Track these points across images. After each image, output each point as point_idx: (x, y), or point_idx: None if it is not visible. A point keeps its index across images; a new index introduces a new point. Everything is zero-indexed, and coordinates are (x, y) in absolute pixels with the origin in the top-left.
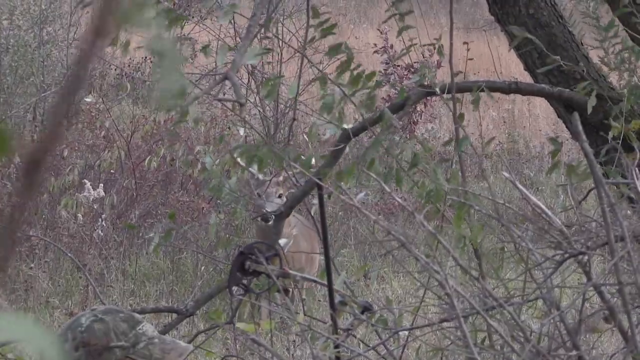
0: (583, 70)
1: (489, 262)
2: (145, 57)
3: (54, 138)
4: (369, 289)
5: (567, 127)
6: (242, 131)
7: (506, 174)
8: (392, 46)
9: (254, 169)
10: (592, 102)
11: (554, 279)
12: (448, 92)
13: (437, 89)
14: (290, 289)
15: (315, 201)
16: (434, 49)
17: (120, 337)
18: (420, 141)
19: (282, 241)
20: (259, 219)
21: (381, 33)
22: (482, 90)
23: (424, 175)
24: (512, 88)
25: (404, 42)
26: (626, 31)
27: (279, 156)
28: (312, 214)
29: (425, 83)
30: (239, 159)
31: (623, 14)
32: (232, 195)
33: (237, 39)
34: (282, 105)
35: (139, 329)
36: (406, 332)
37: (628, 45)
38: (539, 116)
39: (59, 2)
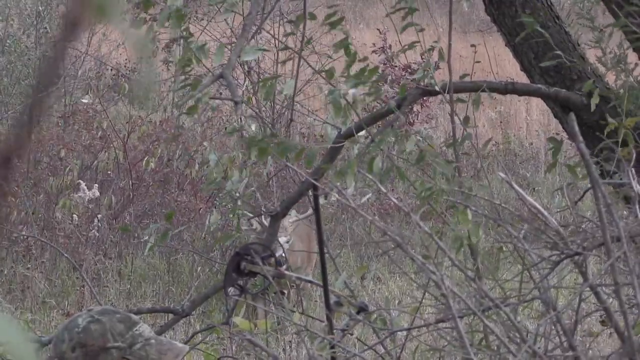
0: (580, 71)
1: (485, 263)
2: (141, 58)
3: (27, 133)
4: (365, 289)
5: (563, 127)
6: (253, 127)
7: (502, 175)
8: (390, 46)
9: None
10: (595, 99)
11: (551, 280)
12: (446, 93)
13: (438, 88)
14: (286, 291)
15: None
16: (433, 51)
17: (117, 337)
18: (424, 136)
19: (282, 239)
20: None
21: (380, 33)
22: (482, 91)
23: (422, 175)
24: (509, 88)
25: (401, 44)
26: (624, 32)
27: (284, 146)
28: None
29: (423, 83)
30: (242, 222)
31: (619, 14)
32: (232, 193)
33: (234, 39)
34: (279, 106)
35: (136, 330)
36: (404, 333)
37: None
38: (535, 117)
39: (55, 2)
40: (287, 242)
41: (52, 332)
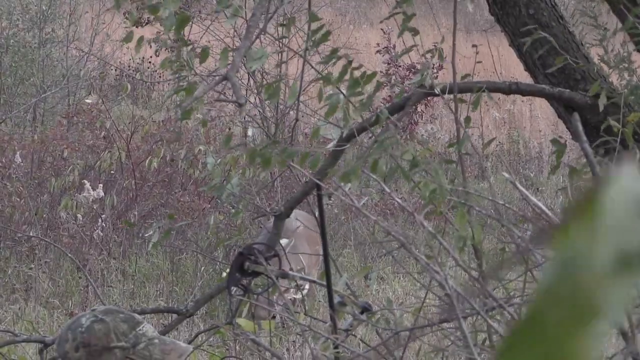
0: (584, 71)
1: (489, 263)
2: (143, 58)
3: None
4: (369, 290)
5: (567, 127)
6: (250, 131)
7: (506, 175)
8: (394, 46)
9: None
10: (602, 100)
11: None
12: (449, 93)
13: (438, 90)
14: (292, 298)
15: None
16: (435, 52)
17: (121, 337)
18: (420, 142)
19: (283, 241)
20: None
21: (384, 33)
22: (484, 91)
23: (425, 176)
24: (513, 89)
25: (404, 44)
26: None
27: (287, 153)
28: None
29: (426, 84)
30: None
31: (626, 15)
32: (233, 195)
33: (238, 39)
34: (282, 106)
35: (139, 330)
36: (407, 333)
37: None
38: (539, 117)
39: (58, 2)
40: (289, 243)
41: (56, 332)
